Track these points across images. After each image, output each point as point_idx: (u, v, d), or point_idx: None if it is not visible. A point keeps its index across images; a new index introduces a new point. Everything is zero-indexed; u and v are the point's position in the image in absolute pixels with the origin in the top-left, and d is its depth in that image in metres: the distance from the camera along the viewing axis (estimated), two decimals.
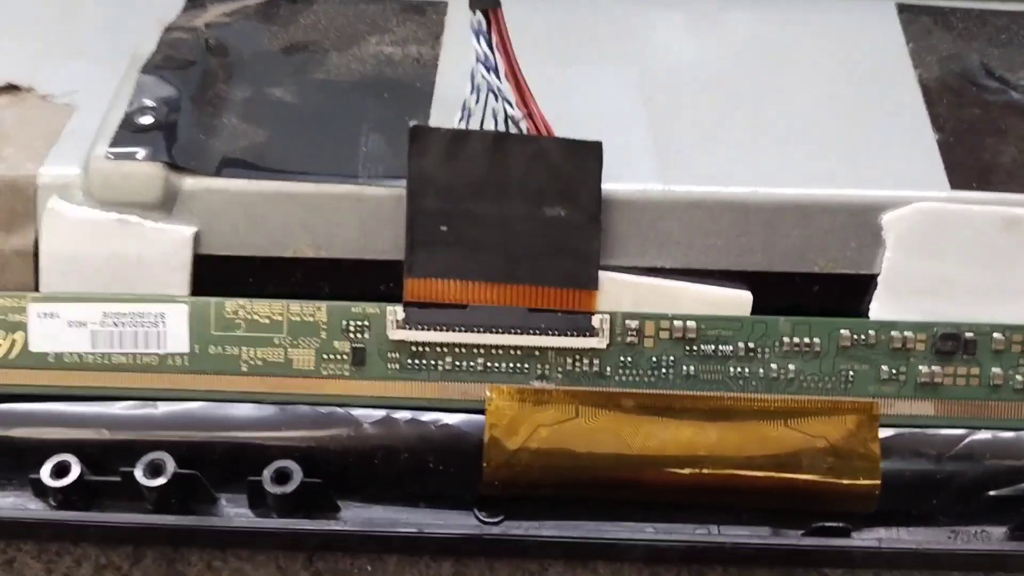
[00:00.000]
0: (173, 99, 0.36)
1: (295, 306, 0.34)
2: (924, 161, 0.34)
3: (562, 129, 0.34)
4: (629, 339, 0.34)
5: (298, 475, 0.33)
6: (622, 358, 0.34)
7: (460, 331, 0.34)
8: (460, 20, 0.34)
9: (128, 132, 0.34)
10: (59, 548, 0.36)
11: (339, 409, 0.34)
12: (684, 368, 0.34)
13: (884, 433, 0.33)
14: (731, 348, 0.34)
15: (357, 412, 0.34)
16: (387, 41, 0.38)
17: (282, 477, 0.33)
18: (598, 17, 0.40)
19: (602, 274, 0.34)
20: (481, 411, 0.34)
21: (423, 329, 0.34)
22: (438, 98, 0.36)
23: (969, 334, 0.33)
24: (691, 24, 0.39)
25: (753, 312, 0.34)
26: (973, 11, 0.40)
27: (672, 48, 0.39)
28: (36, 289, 0.34)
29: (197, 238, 0.34)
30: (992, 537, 0.34)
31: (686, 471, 0.33)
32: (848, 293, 0.34)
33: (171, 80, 0.36)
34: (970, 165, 0.34)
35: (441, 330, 0.34)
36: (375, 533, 0.34)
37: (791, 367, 0.34)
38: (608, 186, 0.33)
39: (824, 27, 0.39)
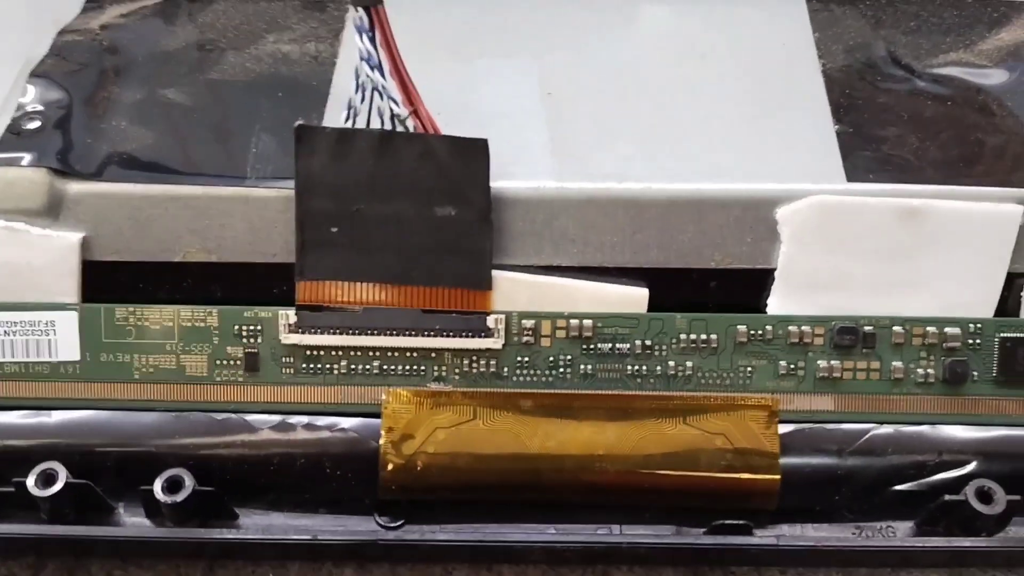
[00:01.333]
0: (62, 102, 0.35)
1: (186, 312, 0.33)
2: (822, 153, 0.34)
3: (457, 125, 0.33)
4: (525, 339, 0.33)
5: (190, 483, 0.33)
6: (519, 358, 0.33)
7: (354, 334, 0.33)
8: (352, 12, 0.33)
9: (13, 137, 0.34)
10: None
11: (233, 415, 0.33)
12: (581, 367, 0.33)
13: (783, 429, 0.33)
14: (628, 346, 0.33)
15: (252, 418, 0.33)
16: (286, 39, 0.38)
17: (174, 486, 0.33)
18: (499, 12, 0.39)
19: (497, 273, 0.33)
20: (378, 414, 0.33)
21: (316, 333, 0.33)
22: (335, 96, 0.36)
23: (868, 327, 0.33)
24: (596, 17, 0.39)
25: (650, 309, 0.33)
26: None
27: (576, 42, 0.38)
28: None
29: (85, 244, 0.33)
30: (898, 532, 0.33)
31: (586, 471, 0.33)
32: (745, 288, 0.34)
33: (61, 83, 0.35)
34: (869, 156, 0.34)
35: (335, 333, 0.33)
36: (274, 540, 0.33)
37: (689, 364, 0.33)
38: (501, 184, 0.33)
39: (731, 19, 0.38)
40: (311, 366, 0.33)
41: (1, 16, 0.39)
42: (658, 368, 0.33)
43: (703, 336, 0.33)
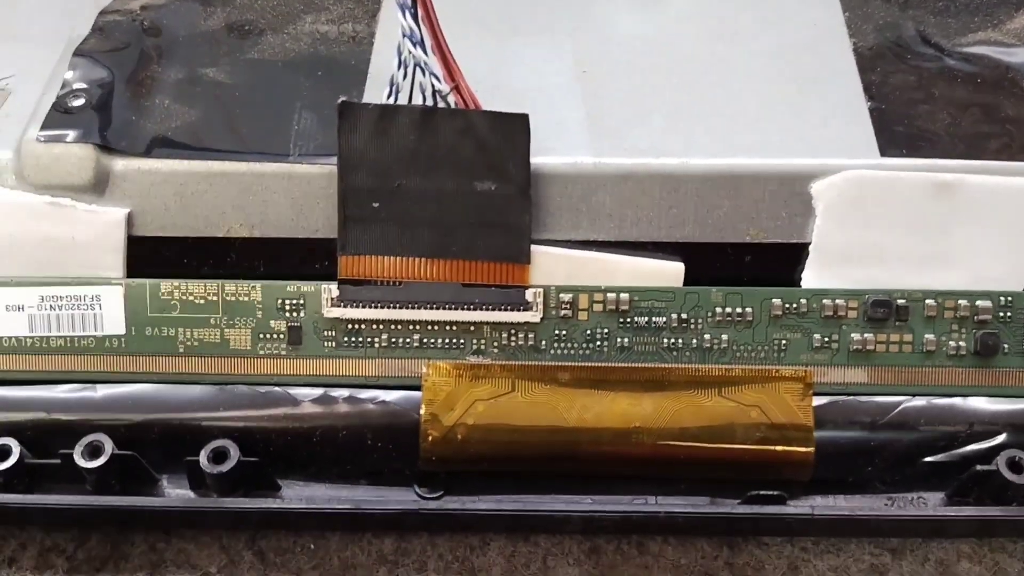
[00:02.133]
0: (106, 81, 0.35)
1: (230, 286, 0.34)
2: (855, 129, 0.34)
3: (494, 102, 0.34)
4: (563, 312, 0.34)
5: (235, 454, 0.33)
6: (556, 331, 0.34)
7: (395, 308, 0.34)
8: None
9: (59, 114, 0.34)
10: (3, 531, 0.36)
11: (276, 388, 0.34)
12: (618, 340, 0.34)
13: (818, 401, 0.33)
14: (664, 319, 0.34)
15: (295, 391, 0.34)
16: (323, 19, 0.38)
17: (219, 456, 0.33)
18: None
19: (535, 248, 0.34)
20: (418, 387, 0.34)
21: (358, 306, 0.34)
22: (373, 75, 0.36)
23: (901, 301, 0.33)
24: None
25: (685, 283, 0.34)
26: None
27: (607, 19, 0.38)
28: None
29: (130, 219, 0.34)
30: (929, 503, 0.34)
31: (622, 442, 0.33)
32: (780, 262, 0.34)
33: (104, 62, 0.36)
34: (901, 132, 0.34)
35: (376, 307, 0.34)
36: (316, 511, 0.34)
37: (724, 337, 0.34)
38: (539, 159, 0.33)
39: None
40: (353, 339, 0.34)
41: None
42: (694, 341, 0.34)
43: (738, 309, 0.34)
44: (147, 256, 0.34)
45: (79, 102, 0.35)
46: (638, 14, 0.38)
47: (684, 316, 0.34)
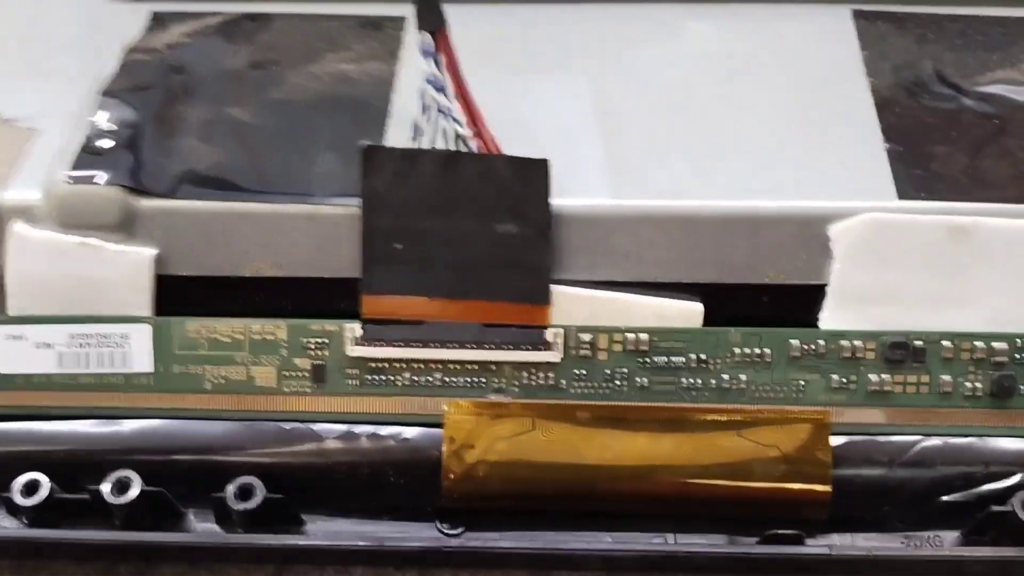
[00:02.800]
0: (133, 121, 0.36)
1: (256, 325, 0.34)
2: (873, 171, 0.35)
3: (513, 143, 0.34)
4: (583, 352, 0.34)
5: (261, 491, 0.34)
6: (576, 371, 0.34)
7: (417, 347, 0.34)
8: (417, 36, 0.34)
9: (88, 155, 0.35)
10: (34, 565, 0.37)
11: (301, 425, 0.35)
12: (637, 380, 0.34)
13: (835, 441, 0.34)
14: (683, 359, 0.34)
15: (318, 427, 0.34)
16: (344, 58, 0.39)
17: (245, 493, 0.34)
18: (551, 27, 0.40)
19: (555, 288, 0.34)
20: (439, 425, 0.34)
21: (381, 345, 0.34)
22: (394, 115, 0.37)
23: (918, 342, 0.34)
24: (645, 34, 0.40)
25: (705, 324, 0.34)
26: (929, 15, 0.40)
27: (625, 59, 0.39)
28: (3, 311, 0.35)
29: (158, 259, 0.35)
30: (945, 542, 0.34)
31: (641, 481, 0.34)
32: (798, 303, 0.34)
33: (131, 102, 0.37)
34: (919, 174, 0.34)
35: (398, 346, 0.34)
36: (339, 546, 0.34)
37: (743, 377, 0.34)
38: (559, 201, 0.34)
39: (779, 36, 0.39)
40: (375, 377, 0.34)
41: (68, 35, 0.41)
42: (713, 381, 0.34)
43: (757, 350, 0.34)
44: (174, 295, 0.35)
45: (108, 143, 0.35)
46: (656, 53, 0.39)
47: (703, 356, 0.34)
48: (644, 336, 0.34)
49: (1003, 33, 0.39)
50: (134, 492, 0.34)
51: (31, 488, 0.34)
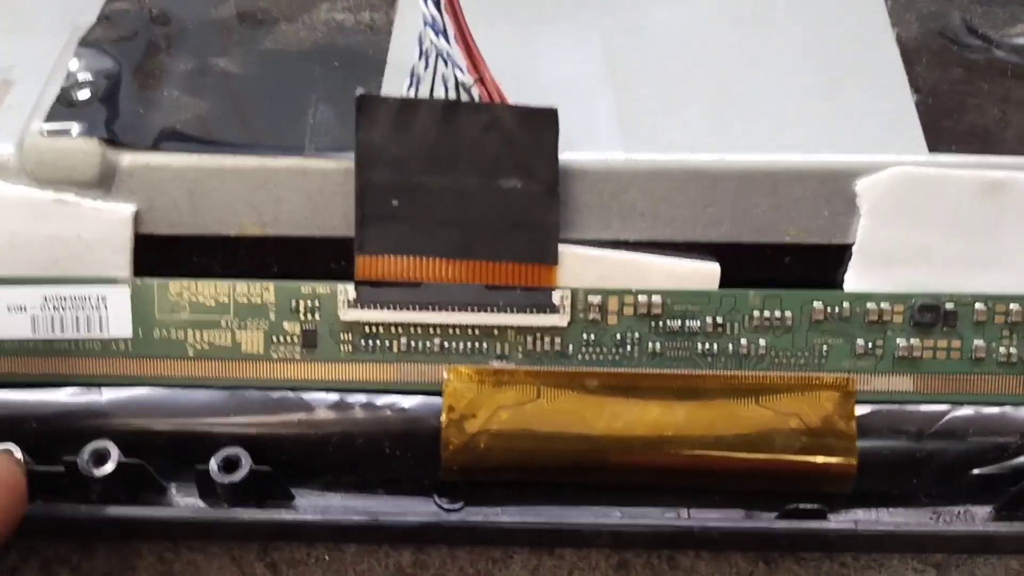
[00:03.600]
0: (112, 72, 0.34)
1: (242, 287, 0.33)
2: (901, 124, 0.33)
3: (519, 95, 0.32)
4: (591, 316, 0.32)
5: (247, 462, 0.32)
6: (585, 336, 0.32)
7: (415, 310, 0.32)
8: None
9: (64, 107, 0.33)
10: (5, 542, 0.35)
11: (290, 393, 0.33)
12: (650, 345, 0.32)
13: (860, 410, 0.32)
14: (699, 323, 0.32)
15: (309, 396, 0.33)
16: (339, 7, 0.37)
17: (230, 465, 0.32)
18: None
19: (562, 248, 0.32)
20: (438, 393, 0.32)
21: (376, 308, 0.32)
22: (392, 66, 0.35)
23: (949, 305, 0.32)
24: None
25: (721, 285, 0.32)
26: None
27: (637, 6, 0.37)
28: None
29: (137, 217, 0.33)
30: (976, 517, 0.33)
31: (653, 453, 0.32)
32: (821, 264, 0.32)
33: (111, 52, 0.35)
34: (949, 127, 0.32)
35: (395, 309, 0.32)
36: (331, 522, 0.33)
37: (762, 342, 0.32)
38: (567, 155, 0.32)
39: None
40: (370, 343, 0.32)
41: None
42: (730, 347, 0.32)
43: (777, 313, 0.32)
44: (155, 255, 0.33)
45: (85, 94, 0.33)
46: (670, 2, 0.37)
47: (719, 320, 0.32)
48: (657, 299, 0.32)
49: None
50: (111, 464, 0.32)
51: None
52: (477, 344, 0.33)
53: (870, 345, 0.32)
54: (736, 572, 0.33)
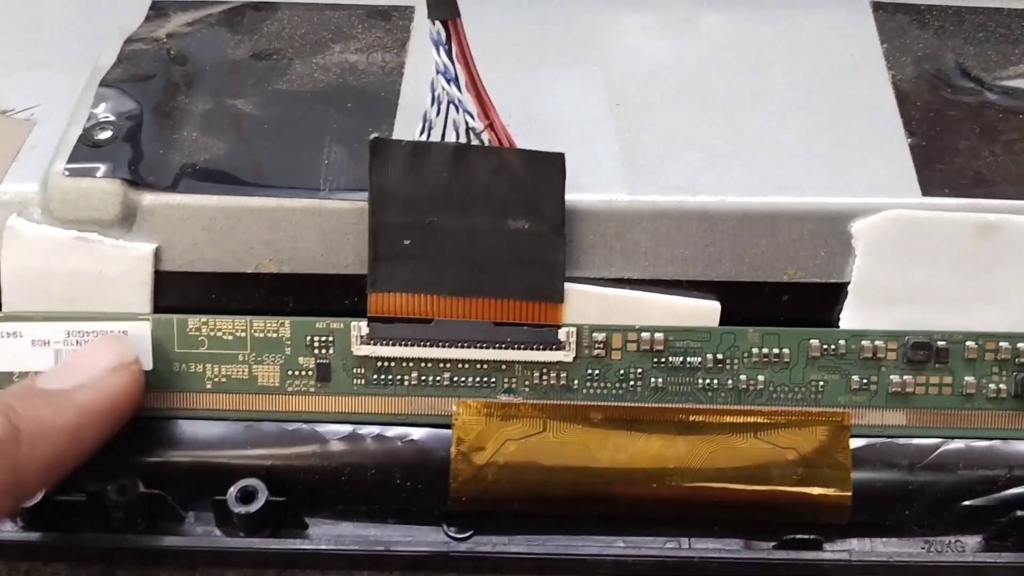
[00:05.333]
0: (133, 113, 0.35)
1: (258, 322, 0.34)
2: (896, 166, 0.34)
3: (526, 137, 0.33)
4: (596, 352, 0.33)
5: (263, 493, 0.33)
6: (589, 371, 0.33)
7: (425, 346, 0.33)
8: (426, 26, 0.33)
9: (86, 148, 0.34)
10: (29, 568, 0.36)
11: (305, 426, 0.34)
12: (652, 380, 0.33)
13: (855, 443, 0.33)
14: (699, 359, 0.33)
15: (323, 428, 0.34)
16: (352, 49, 0.38)
17: (247, 496, 0.33)
18: (565, 19, 0.39)
19: (568, 286, 0.33)
20: (448, 426, 0.33)
21: (388, 344, 0.33)
22: (403, 107, 0.36)
23: (941, 342, 0.33)
24: (661, 26, 0.39)
25: (721, 322, 0.33)
26: (949, 8, 0.39)
27: (640, 52, 0.38)
28: None
29: (158, 254, 0.34)
30: (967, 547, 0.33)
31: (655, 484, 0.33)
32: (818, 302, 0.33)
33: (131, 93, 0.36)
34: (943, 170, 0.34)
35: (406, 345, 0.33)
36: (343, 551, 0.33)
37: (760, 378, 0.33)
38: (573, 196, 0.33)
39: (798, 28, 0.38)
40: (382, 377, 0.33)
41: (66, 24, 0.40)
42: (729, 382, 0.33)
43: (775, 350, 0.33)
44: (174, 291, 0.34)
45: (106, 135, 0.34)
46: (671, 45, 0.38)
47: (720, 356, 0.33)
48: (659, 335, 0.33)
49: None
50: (133, 494, 0.33)
51: None
52: (485, 379, 0.33)
53: (864, 381, 0.33)
54: None
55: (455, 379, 0.33)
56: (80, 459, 0.31)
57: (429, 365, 0.33)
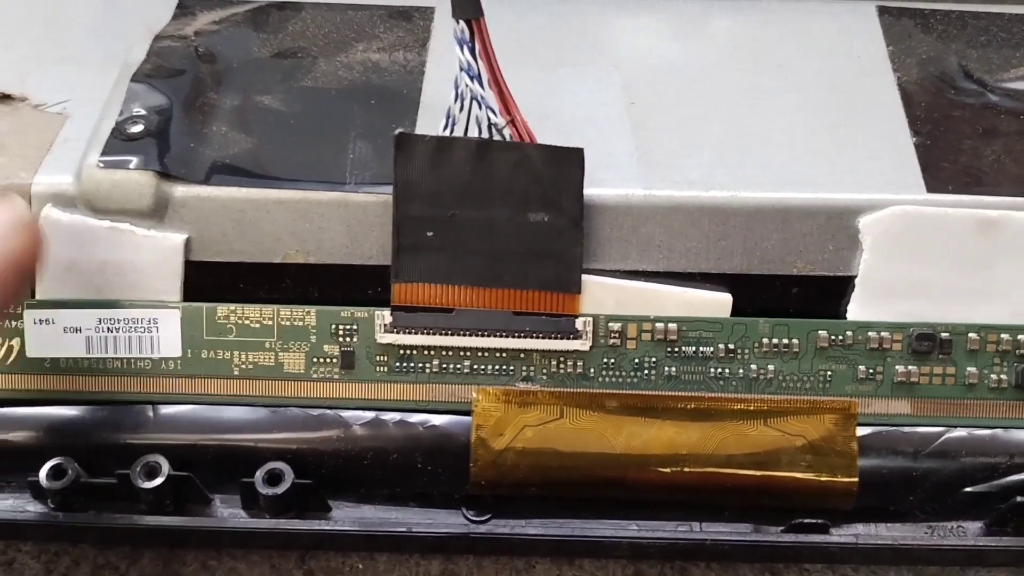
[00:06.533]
0: (163, 107, 0.36)
1: (285, 311, 0.35)
2: (901, 164, 0.35)
3: (545, 134, 0.34)
4: (612, 341, 0.34)
5: (289, 476, 0.34)
6: (605, 359, 0.34)
7: (446, 334, 0.34)
8: (447, 26, 0.34)
9: (119, 141, 0.35)
10: (58, 549, 0.37)
11: (329, 411, 0.35)
12: (666, 369, 0.34)
13: (862, 431, 0.34)
14: (711, 349, 0.34)
15: (347, 414, 0.35)
16: (374, 48, 0.39)
17: (274, 479, 0.34)
18: (581, 21, 0.40)
19: (585, 277, 0.34)
20: (468, 412, 0.34)
21: (410, 333, 0.34)
22: (425, 104, 0.37)
23: (945, 334, 0.34)
24: (673, 27, 0.40)
25: (733, 314, 0.34)
26: (953, 12, 0.40)
27: (654, 51, 0.39)
28: (33, 295, 0.35)
29: (188, 245, 0.35)
30: (968, 532, 0.34)
31: (668, 469, 0.34)
32: (826, 294, 0.35)
33: (161, 88, 0.37)
34: (947, 168, 0.35)
35: (428, 334, 0.34)
36: (365, 532, 0.35)
37: (770, 367, 0.34)
38: (591, 191, 0.34)
39: (805, 30, 0.40)
40: (405, 365, 0.34)
41: (94, 22, 0.41)
42: (740, 371, 0.34)
43: (785, 341, 0.34)
44: (204, 280, 0.35)
45: (138, 128, 0.35)
46: (683, 46, 0.39)
47: (731, 346, 0.34)
48: (673, 326, 0.34)
49: None
50: (162, 477, 0.34)
51: (58, 473, 0.34)
52: (504, 367, 0.35)
53: (871, 371, 0.34)
54: None
55: (475, 367, 0.35)
56: None
57: (450, 353, 0.34)
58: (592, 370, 0.34)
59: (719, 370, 0.34)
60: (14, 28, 0.40)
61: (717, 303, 0.34)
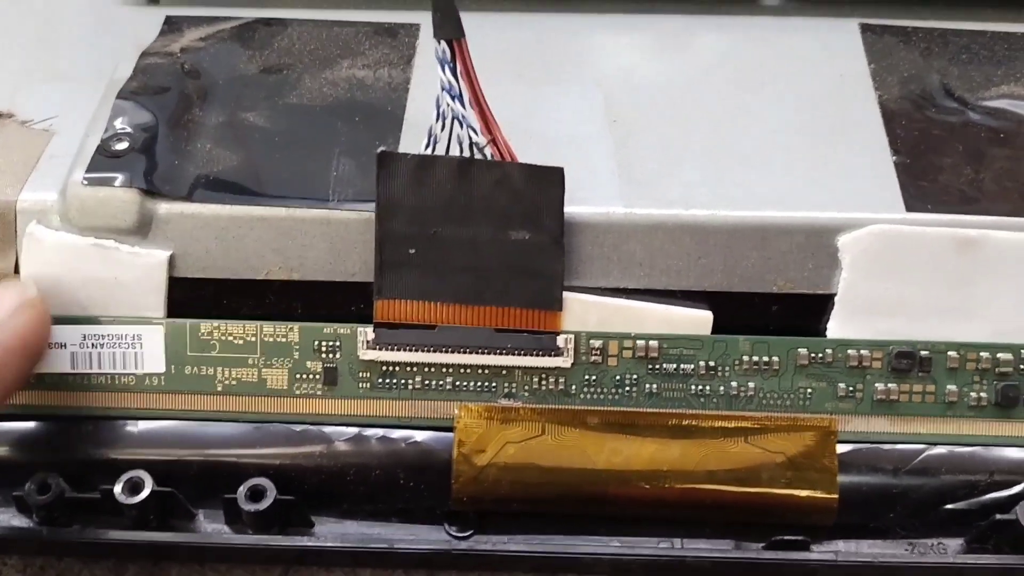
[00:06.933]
0: (149, 124, 0.36)
1: (268, 327, 0.35)
2: (881, 183, 0.35)
3: (526, 151, 0.34)
4: (593, 358, 0.34)
5: (272, 492, 0.34)
6: (587, 376, 0.35)
7: (429, 351, 0.34)
8: (432, 43, 0.34)
9: (104, 158, 0.35)
10: (43, 563, 0.37)
11: (312, 427, 0.35)
12: (647, 386, 0.34)
13: (841, 448, 0.34)
14: (692, 366, 0.34)
15: (329, 430, 0.35)
16: (359, 64, 0.39)
17: (256, 495, 0.34)
18: (564, 40, 0.40)
19: (567, 295, 0.34)
20: (450, 428, 0.35)
21: (393, 349, 0.34)
22: (409, 121, 0.37)
23: (924, 352, 0.34)
24: (655, 46, 0.40)
25: (714, 331, 0.35)
26: (935, 30, 0.40)
27: (636, 71, 0.39)
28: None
29: (172, 261, 0.35)
30: (949, 549, 0.35)
31: (650, 486, 0.34)
32: (806, 312, 0.35)
33: (147, 105, 0.37)
34: (926, 187, 0.35)
35: (410, 350, 0.34)
36: (348, 548, 0.35)
37: (751, 385, 0.34)
38: (572, 209, 0.34)
39: (787, 48, 0.40)
40: (387, 381, 0.35)
41: (82, 38, 0.41)
42: (721, 388, 0.34)
43: (765, 358, 0.34)
44: (188, 297, 0.35)
45: (123, 146, 0.35)
46: (665, 65, 0.39)
47: (712, 364, 0.34)
48: (654, 343, 0.34)
49: (1007, 48, 0.40)
50: (145, 492, 0.34)
51: (43, 487, 0.34)
52: (486, 383, 0.35)
53: (851, 388, 0.34)
54: None
55: (457, 383, 0.35)
56: (2, 395, 0.32)
57: (432, 370, 0.35)
58: (574, 387, 0.35)
59: (700, 387, 0.34)
60: (1, 45, 0.41)
61: (698, 320, 0.35)
